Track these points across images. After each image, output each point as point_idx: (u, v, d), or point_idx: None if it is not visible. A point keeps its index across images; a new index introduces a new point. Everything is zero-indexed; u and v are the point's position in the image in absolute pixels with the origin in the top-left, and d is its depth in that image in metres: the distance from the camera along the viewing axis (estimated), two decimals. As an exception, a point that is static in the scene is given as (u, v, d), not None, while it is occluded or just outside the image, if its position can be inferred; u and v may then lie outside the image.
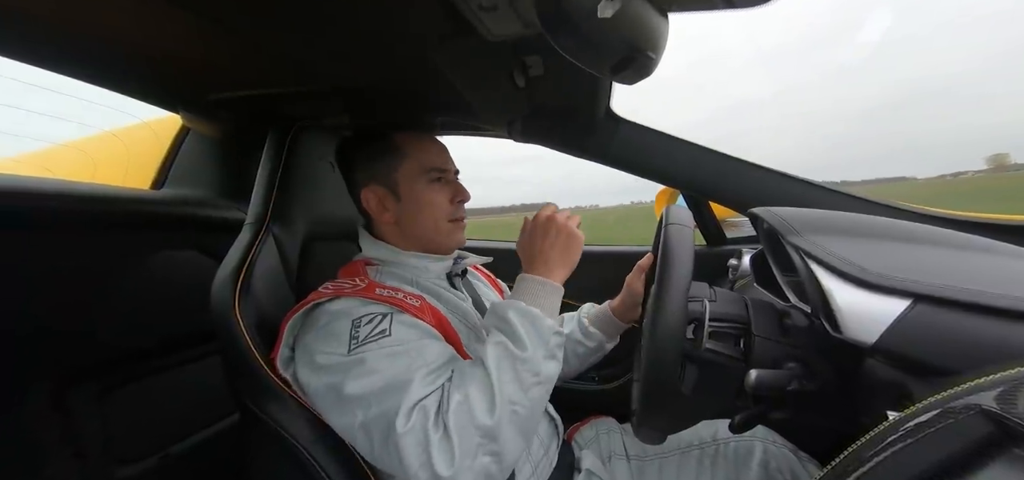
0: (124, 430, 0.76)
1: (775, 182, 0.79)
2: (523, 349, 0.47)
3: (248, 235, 0.62)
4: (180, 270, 0.82)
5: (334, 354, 0.48)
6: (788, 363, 0.47)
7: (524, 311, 0.50)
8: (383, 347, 0.48)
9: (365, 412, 0.46)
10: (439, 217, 0.63)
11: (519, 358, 0.47)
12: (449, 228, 0.64)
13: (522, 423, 0.46)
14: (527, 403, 0.46)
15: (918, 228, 0.51)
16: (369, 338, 0.48)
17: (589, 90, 0.72)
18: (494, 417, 0.44)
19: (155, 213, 0.79)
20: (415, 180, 0.63)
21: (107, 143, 0.94)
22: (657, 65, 0.47)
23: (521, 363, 0.47)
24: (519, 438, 0.46)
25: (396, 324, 0.50)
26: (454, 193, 0.65)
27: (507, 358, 0.47)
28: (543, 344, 0.48)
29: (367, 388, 0.46)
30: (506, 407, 0.45)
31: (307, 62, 0.59)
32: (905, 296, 0.36)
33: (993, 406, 0.24)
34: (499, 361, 0.47)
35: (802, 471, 0.60)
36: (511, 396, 0.45)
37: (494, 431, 0.44)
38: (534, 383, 0.47)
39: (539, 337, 0.48)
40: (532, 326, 0.49)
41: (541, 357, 0.48)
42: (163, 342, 0.83)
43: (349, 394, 0.46)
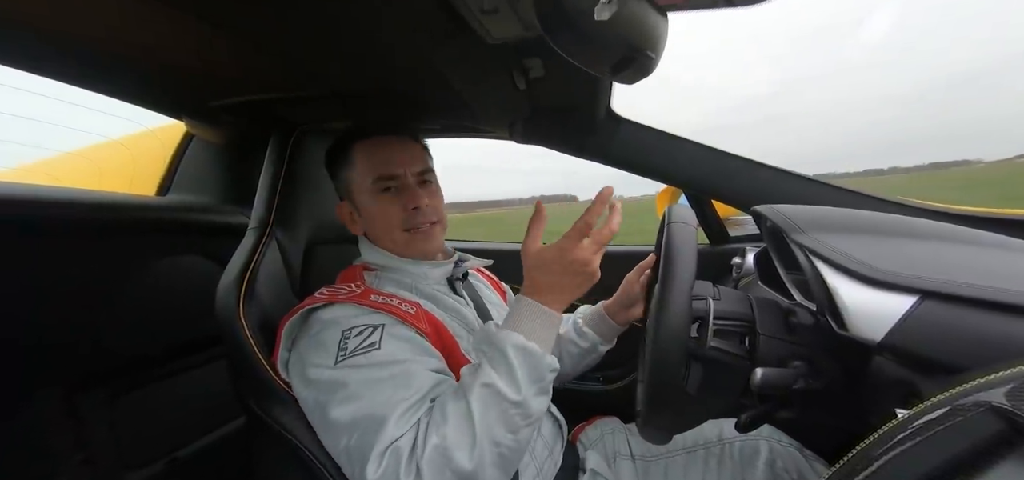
0: (132, 435, 0.77)
1: (778, 179, 0.79)
2: (517, 392, 0.44)
3: (252, 240, 0.62)
4: (185, 276, 0.82)
5: (322, 366, 0.48)
6: (794, 362, 0.46)
7: (523, 347, 0.46)
8: (369, 365, 0.47)
9: (347, 439, 0.45)
10: (392, 228, 0.60)
11: (512, 402, 0.44)
12: (405, 238, 0.60)
13: (506, 461, 0.44)
14: (513, 444, 0.44)
15: (924, 224, 0.51)
16: (357, 351, 0.48)
17: (589, 90, 0.72)
18: (473, 460, 0.42)
19: (160, 219, 0.80)
20: (365, 193, 0.61)
21: (113, 151, 0.96)
22: (657, 64, 0.47)
23: (514, 407, 0.44)
24: (502, 475, 0.44)
25: (386, 337, 0.49)
26: (408, 200, 0.60)
27: (496, 402, 0.44)
28: (537, 382, 0.45)
29: (348, 416, 0.45)
30: (490, 449, 0.43)
31: (308, 66, 0.59)
32: (912, 293, 0.36)
33: (1003, 403, 0.24)
34: (486, 406, 0.44)
35: (809, 470, 0.59)
36: (496, 437, 0.43)
37: (473, 474, 0.42)
38: (524, 425, 0.45)
39: (534, 376, 0.45)
40: (531, 365, 0.45)
41: (533, 394, 0.45)
42: (169, 347, 0.83)
43: (333, 419, 0.46)
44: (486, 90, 0.70)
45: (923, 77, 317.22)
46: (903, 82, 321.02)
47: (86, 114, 0.75)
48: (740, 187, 0.80)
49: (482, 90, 0.70)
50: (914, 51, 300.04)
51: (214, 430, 0.90)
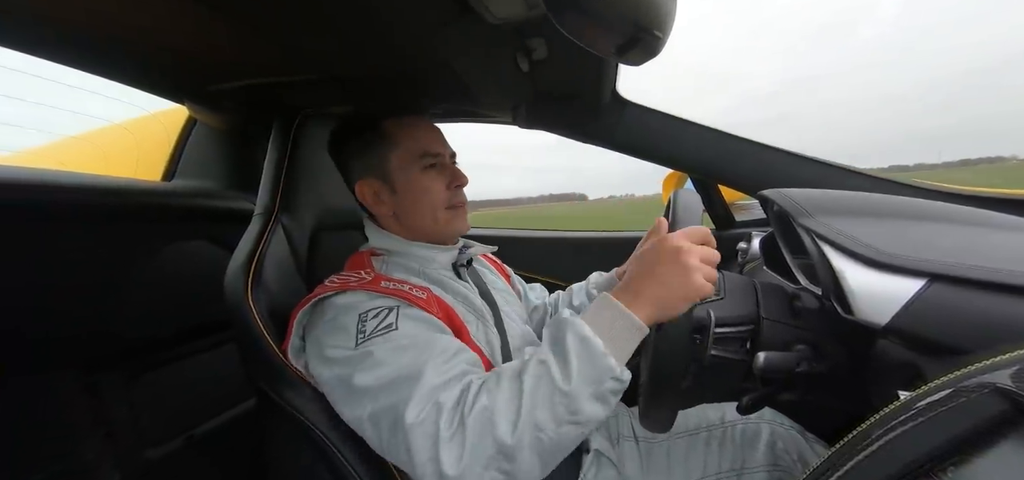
0: (151, 414, 0.80)
1: (785, 162, 0.77)
2: (567, 381, 0.41)
3: (258, 225, 0.62)
4: (192, 261, 0.84)
5: (342, 347, 0.48)
6: (797, 345, 0.46)
7: (585, 338, 0.42)
8: (389, 341, 0.47)
9: (374, 403, 0.45)
10: (437, 205, 0.61)
11: (559, 390, 0.41)
12: (447, 216, 0.62)
13: (545, 452, 0.42)
14: (554, 436, 0.42)
15: (933, 206, 0.50)
16: (375, 332, 0.48)
17: (594, 73, 0.70)
18: (514, 436, 0.41)
19: (167, 205, 0.80)
20: (408, 168, 0.60)
21: (118, 135, 0.96)
22: (665, 44, 0.46)
23: (560, 396, 0.41)
24: (538, 464, 0.42)
25: (403, 318, 0.49)
26: (451, 178, 0.62)
27: (546, 383, 0.42)
28: (593, 383, 0.41)
29: (376, 380, 0.45)
30: (530, 431, 0.41)
31: (308, 50, 0.58)
32: (920, 276, 0.36)
33: (1008, 384, 0.24)
34: (537, 382, 0.42)
35: (809, 451, 0.60)
36: (539, 421, 0.41)
37: (512, 451, 0.41)
38: (569, 420, 0.42)
39: (591, 374, 0.42)
40: (588, 360, 0.42)
41: (586, 396, 0.41)
42: (180, 330, 0.85)
43: (358, 386, 0.46)
44: (488, 73, 0.69)
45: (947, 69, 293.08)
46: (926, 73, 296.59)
47: (88, 97, 0.75)
48: (746, 171, 0.79)
49: (484, 73, 0.69)
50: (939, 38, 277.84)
51: (227, 410, 0.92)
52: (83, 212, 0.67)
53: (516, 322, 0.67)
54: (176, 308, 0.83)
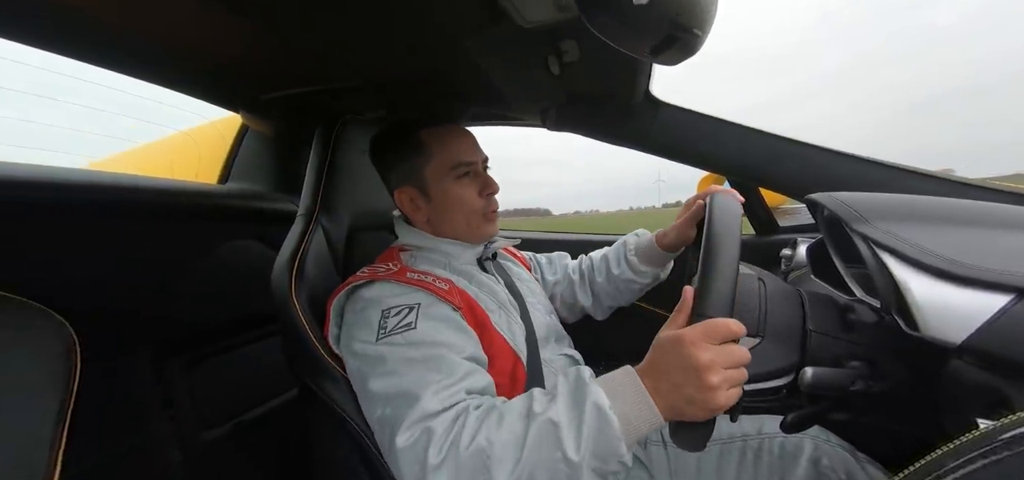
0: (206, 398, 0.87)
1: (835, 163, 0.71)
2: (577, 452, 0.39)
3: (300, 226, 0.66)
4: (243, 258, 0.90)
5: (366, 341, 0.51)
6: (852, 362, 0.43)
7: (603, 414, 0.40)
8: (406, 345, 0.49)
9: (382, 409, 0.47)
10: (470, 213, 0.64)
11: (566, 459, 0.39)
12: (480, 222, 0.64)
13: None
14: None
15: (1010, 211, 0.44)
16: (395, 330, 0.51)
17: (627, 74, 0.69)
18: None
19: (222, 206, 0.87)
20: (442, 178, 0.63)
21: (181, 143, 1.06)
22: (704, 42, 0.44)
23: (565, 464, 0.39)
24: None
25: (422, 318, 0.51)
26: (483, 186, 0.65)
27: (552, 446, 0.40)
28: (599, 460, 0.39)
29: (384, 388, 0.48)
30: None
31: (348, 58, 0.62)
32: (1005, 291, 0.32)
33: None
34: (542, 441, 0.40)
35: (860, 472, 0.55)
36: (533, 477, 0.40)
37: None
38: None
39: (600, 453, 0.39)
40: (602, 438, 0.39)
41: (589, 470, 0.39)
42: (234, 322, 0.93)
43: (371, 390, 0.49)
44: (520, 76, 0.69)
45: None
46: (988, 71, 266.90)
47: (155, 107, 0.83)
48: (791, 172, 0.74)
49: (516, 76, 0.69)
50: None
51: (271, 399, 0.99)
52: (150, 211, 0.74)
53: (541, 313, 0.68)
54: (228, 302, 0.90)
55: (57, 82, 0.73)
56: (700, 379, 0.38)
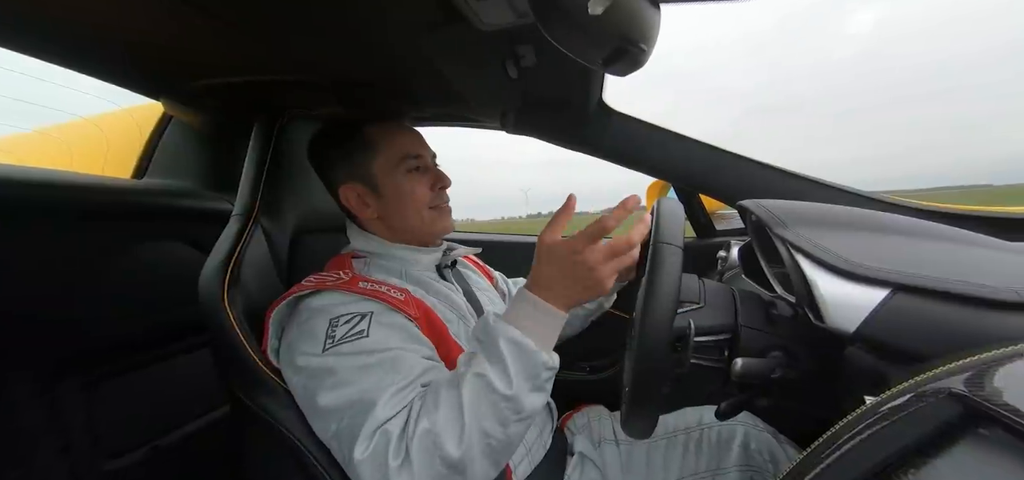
0: (111, 423, 0.75)
1: (764, 174, 0.80)
2: (508, 386, 0.43)
3: (236, 227, 0.61)
4: (166, 262, 0.80)
5: (310, 355, 0.48)
6: (773, 352, 0.48)
7: (516, 341, 0.44)
8: (357, 353, 0.47)
9: (337, 423, 0.45)
10: (421, 206, 0.62)
11: (503, 396, 0.43)
12: (432, 216, 0.63)
13: (497, 454, 0.44)
14: (503, 437, 0.44)
15: (899, 220, 0.53)
16: (344, 339, 0.48)
17: (582, 81, 0.72)
18: (461, 448, 0.42)
19: (139, 203, 0.77)
20: (392, 172, 0.62)
21: (84, 130, 0.91)
22: (649, 57, 0.48)
23: (504, 401, 0.43)
24: (490, 467, 0.44)
25: (375, 325, 0.49)
26: (434, 179, 0.64)
27: (487, 393, 0.43)
28: (530, 379, 0.44)
29: (337, 401, 0.46)
30: (479, 439, 0.43)
31: (295, 50, 0.58)
32: (884, 286, 0.37)
33: (962, 389, 0.25)
34: (477, 395, 0.43)
35: (781, 452, 0.62)
36: (486, 429, 0.43)
37: (461, 464, 0.42)
38: (515, 419, 0.44)
39: (528, 372, 0.44)
40: (522, 360, 0.44)
41: (526, 391, 0.44)
42: (150, 334, 0.82)
43: (321, 405, 0.46)
44: (478, 79, 0.69)
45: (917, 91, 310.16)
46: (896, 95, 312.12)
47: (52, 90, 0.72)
48: (727, 182, 0.81)
49: (474, 78, 0.69)
50: None
51: (198, 418, 0.88)
52: (43, 208, 0.63)
53: None
54: (146, 311, 0.79)
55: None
56: (591, 276, 0.46)
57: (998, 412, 0.23)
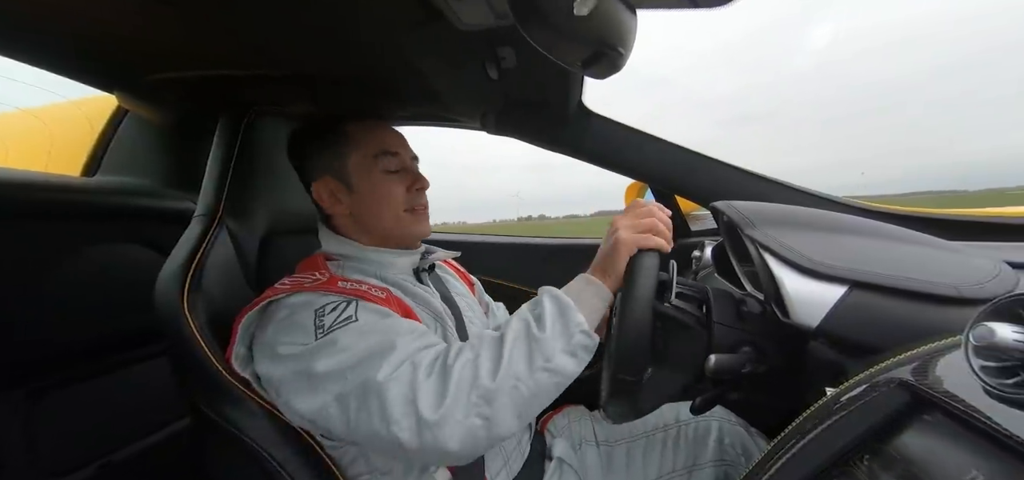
0: (56, 438, 0.69)
1: (736, 177, 0.83)
2: (541, 330, 0.46)
3: (198, 228, 0.58)
4: (121, 264, 0.75)
5: (298, 344, 0.47)
6: (744, 347, 0.50)
7: (557, 298, 0.49)
8: (351, 330, 0.47)
9: (341, 385, 0.44)
10: (396, 207, 0.61)
11: (535, 338, 0.46)
12: (408, 218, 0.62)
13: (521, 403, 0.44)
14: (531, 383, 0.45)
15: (855, 220, 0.56)
16: (335, 325, 0.47)
17: (562, 84, 0.72)
18: (495, 382, 0.44)
19: (89, 203, 0.72)
20: (368, 170, 0.60)
21: (22, 122, 0.84)
22: (626, 61, 0.49)
23: (535, 342, 0.46)
24: (513, 416, 0.45)
25: (362, 311, 0.48)
26: (412, 181, 0.62)
27: (524, 336, 0.46)
28: (565, 336, 0.46)
29: (341, 363, 0.45)
30: (508, 379, 0.44)
31: (267, 45, 0.55)
32: (843, 283, 0.40)
33: (910, 378, 0.27)
34: (516, 336, 0.46)
35: (752, 445, 0.65)
36: (516, 371, 0.44)
37: (492, 395, 0.43)
38: (543, 368, 0.45)
39: (563, 328, 0.47)
40: (560, 315, 0.47)
41: (559, 349, 0.46)
42: (102, 341, 0.76)
43: (320, 372, 0.45)
44: (458, 79, 0.69)
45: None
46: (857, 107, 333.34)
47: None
48: (701, 183, 0.84)
49: (454, 79, 0.69)
50: None
51: (155, 431, 0.83)
52: None
53: (478, 326, 0.67)
54: (97, 317, 0.74)
55: None
56: (613, 233, 0.51)
57: (939, 398, 0.25)
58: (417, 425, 0.42)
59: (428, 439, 0.42)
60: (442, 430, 0.42)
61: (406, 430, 0.42)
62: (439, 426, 0.42)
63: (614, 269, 0.51)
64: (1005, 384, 0.22)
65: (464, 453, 0.44)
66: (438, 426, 0.42)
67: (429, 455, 0.45)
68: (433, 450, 0.43)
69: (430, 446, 0.42)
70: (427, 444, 0.42)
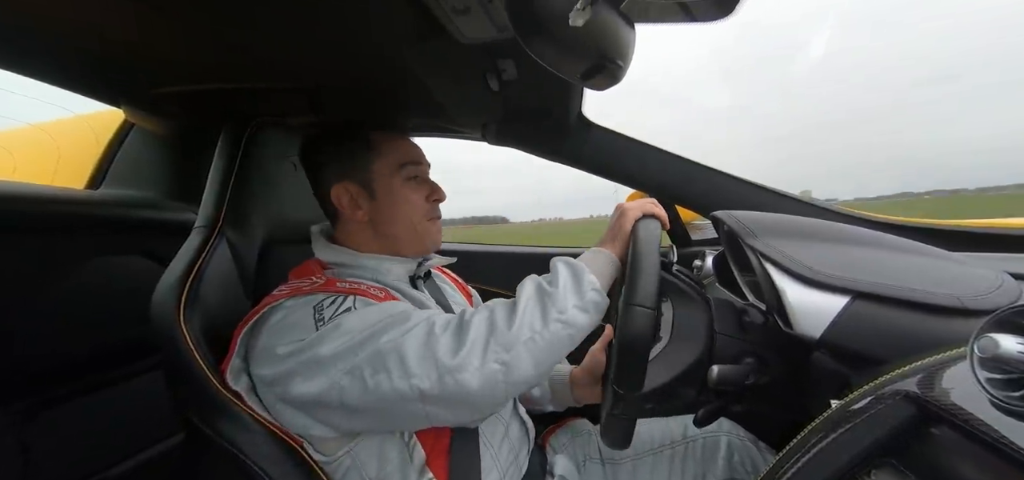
0: (53, 453, 0.68)
1: (737, 187, 0.84)
2: (554, 287, 0.49)
3: (197, 239, 0.57)
4: (123, 277, 0.75)
5: (298, 340, 0.47)
6: (746, 358, 0.49)
7: (570, 262, 0.52)
8: (355, 315, 0.48)
9: (350, 360, 0.45)
10: (416, 216, 0.62)
11: (548, 294, 0.49)
12: (426, 227, 0.63)
13: (537, 352, 0.47)
14: (546, 335, 0.47)
15: (856, 230, 0.56)
16: (337, 314, 0.48)
17: (562, 95, 0.73)
18: (512, 332, 0.46)
19: (93, 215, 0.72)
20: (391, 178, 0.61)
21: (32, 137, 0.85)
22: (625, 73, 0.49)
23: (549, 298, 0.48)
24: (531, 364, 0.46)
25: (361, 303, 0.49)
26: (430, 191, 0.64)
27: (538, 292, 0.49)
28: (577, 292, 0.49)
29: (349, 342, 0.46)
30: (525, 330, 0.46)
31: (270, 58, 0.56)
32: (845, 293, 0.40)
33: (916, 391, 0.27)
34: (530, 294, 0.49)
35: (762, 461, 0.63)
36: (531, 322, 0.47)
37: (510, 343, 0.46)
38: (557, 319, 0.47)
39: (575, 285, 0.50)
40: (572, 275, 0.50)
41: (571, 304, 0.48)
42: (99, 354, 0.75)
43: (327, 354, 0.45)
44: (460, 90, 0.70)
45: None
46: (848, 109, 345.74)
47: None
48: (701, 193, 0.84)
49: (456, 90, 0.70)
50: None
51: (153, 445, 0.82)
52: None
53: None
54: (93, 331, 0.73)
55: None
56: (618, 212, 0.57)
57: (946, 412, 0.24)
58: (437, 372, 0.44)
59: (449, 384, 0.44)
60: (462, 374, 0.44)
61: (426, 379, 0.44)
62: (459, 370, 0.44)
63: (621, 233, 0.55)
64: (1012, 397, 0.22)
65: (484, 395, 0.45)
66: (458, 370, 0.44)
67: (451, 401, 0.46)
68: (455, 394, 0.44)
69: (452, 390, 0.44)
70: (449, 389, 0.44)
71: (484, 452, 0.56)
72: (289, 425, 0.49)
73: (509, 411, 0.63)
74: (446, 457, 0.53)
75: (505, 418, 0.62)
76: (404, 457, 0.51)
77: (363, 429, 0.50)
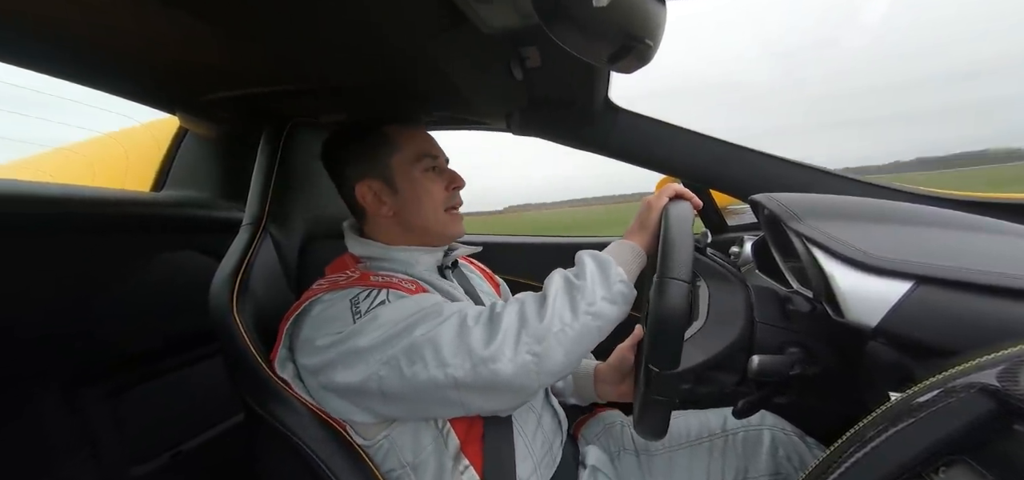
0: (137, 429, 0.77)
1: (775, 167, 0.79)
2: (582, 280, 0.50)
3: (245, 236, 0.62)
4: (182, 271, 0.82)
5: (337, 332, 0.49)
6: (790, 348, 0.47)
7: (597, 255, 0.53)
8: (390, 308, 0.50)
9: (387, 351, 0.47)
10: (437, 206, 0.63)
11: (577, 286, 0.50)
12: (447, 217, 0.64)
13: (568, 342, 0.48)
14: (576, 326, 0.48)
15: (921, 210, 0.51)
16: (373, 307, 0.50)
17: (587, 80, 0.71)
18: (543, 323, 0.47)
19: (155, 215, 0.79)
20: (410, 170, 0.62)
21: (105, 146, 0.94)
22: (656, 52, 0.47)
23: (578, 290, 0.49)
24: (562, 354, 0.48)
25: (394, 296, 0.52)
26: (449, 181, 0.65)
27: (566, 286, 0.50)
28: (605, 284, 0.50)
29: (385, 334, 0.48)
30: (555, 322, 0.48)
31: (301, 59, 0.58)
32: (907, 278, 0.36)
33: (994, 383, 0.24)
34: (559, 287, 0.50)
35: (809, 456, 0.60)
36: (561, 314, 0.48)
37: (541, 335, 0.47)
38: (586, 311, 0.48)
39: (603, 278, 0.50)
40: (599, 268, 0.51)
41: (599, 296, 0.49)
42: (170, 342, 0.84)
43: (365, 346, 0.48)
44: (483, 81, 0.70)
45: None
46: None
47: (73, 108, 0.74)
48: (738, 175, 0.80)
49: (479, 81, 0.70)
50: None
51: (217, 424, 0.90)
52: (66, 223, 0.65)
53: None
54: (164, 321, 0.82)
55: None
56: (645, 205, 0.57)
57: (1033, 407, 0.22)
58: (471, 362, 0.46)
59: (483, 373, 0.46)
60: (496, 363, 0.46)
61: (461, 369, 0.46)
62: (493, 360, 0.46)
63: (648, 224, 0.55)
64: None
65: (517, 383, 0.47)
66: (492, 360, 0.46)
67: (486, 388, 0.47)
68: (489, 382, 0.46)
69: (487, 379, 0.46)
70: (483, 377, 0.46)
71: (518, 440, 0.56)
72: (332, 410, 0.52)
73: (541, 401, 0.63)
74: (480, 444, 0.54)
75: (537, 408, 0.62)
76: (439, 443, 0.53)
77: (400, 415, 0.52)
